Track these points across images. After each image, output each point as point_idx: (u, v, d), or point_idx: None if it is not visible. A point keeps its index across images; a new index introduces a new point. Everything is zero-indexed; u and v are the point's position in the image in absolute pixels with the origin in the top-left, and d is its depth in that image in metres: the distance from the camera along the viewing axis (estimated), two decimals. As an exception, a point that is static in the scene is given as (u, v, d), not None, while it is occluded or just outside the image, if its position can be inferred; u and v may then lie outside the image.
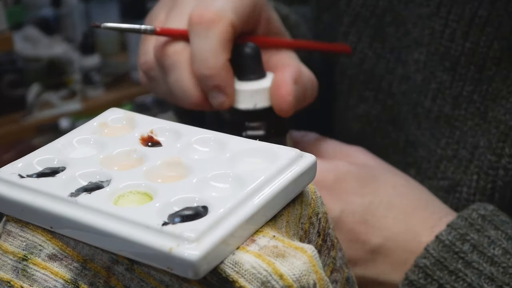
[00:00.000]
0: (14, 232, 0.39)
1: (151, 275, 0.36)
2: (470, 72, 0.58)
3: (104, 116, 0.44)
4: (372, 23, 0.66)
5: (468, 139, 0.58)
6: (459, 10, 0.58)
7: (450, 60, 0.59)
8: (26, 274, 0.38)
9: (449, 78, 0.59)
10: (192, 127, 0.42)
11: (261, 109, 0.53)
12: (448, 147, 0.59)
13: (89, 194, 0.36)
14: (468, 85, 0.58)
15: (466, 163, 0.58)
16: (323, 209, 0.40)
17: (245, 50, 0.54)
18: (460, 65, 0.58)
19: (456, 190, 0.58)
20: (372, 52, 0.66)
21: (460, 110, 0.58)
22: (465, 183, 0.57)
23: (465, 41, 0.58)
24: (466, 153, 0.58)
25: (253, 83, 0.53)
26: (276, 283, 0.32)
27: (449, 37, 0.59)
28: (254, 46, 0.54)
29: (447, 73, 0.59)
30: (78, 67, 2.12)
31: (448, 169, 0.59)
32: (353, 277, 0.43)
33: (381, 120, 0.66)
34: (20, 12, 2.16)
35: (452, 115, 0.59)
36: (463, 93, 0.58)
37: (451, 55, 0.59)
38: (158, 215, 0.34)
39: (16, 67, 1.98)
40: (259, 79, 0.54)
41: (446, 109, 0.59)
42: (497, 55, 0.56)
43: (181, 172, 0.38)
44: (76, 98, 2.09)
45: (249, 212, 0.34)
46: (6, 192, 0.38)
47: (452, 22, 0.59)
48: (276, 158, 0.38)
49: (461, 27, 0.58)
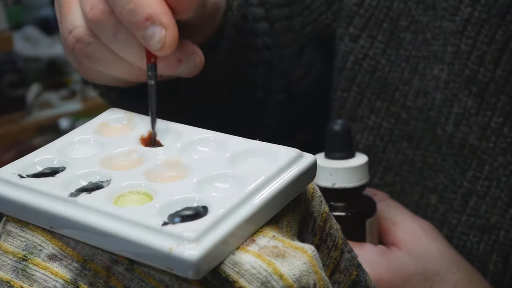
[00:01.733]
0: (14, 232, 0.39)
1: (151, 275, 0.36)
2: (500, 102, 0.55)
3: (104, 116, 0.44)
4: (386, 27, 0.62)
5: (501, 178, 0.56)
6: (490, 32, 0.55)
7: (477, 85, 0.55)
8: (26, 274, 0.38)
9: (476, 105, 0.56)
10: (192, 127, 0.42)
11: (341, 189, 0.52)
12: (477, 182, 0.57)
13: (89, 194, 0.36)
14: (497, 116, 0.55)
15: (503, 205, 0.56)
16: (321, 208, 0.40)
17: (335, 127, 0.52)
18: (489, 92, 0.55)
19: (492, 232, 0.56)
20: (386, 59, 0.62)
21: (488, 143, 0.56)
22: (503, 227, 0.56)
23: (495, 67, 0.54)
24: (502, 193, 0.55)
25: (336, 161, 0.52)
26: (276, 283, 0.32)
27: (477, 60, 0.55)
28: (343, 123, 0.53)
29: (472, 98, 0.56)
30: (78, 67, 2.12)
31: (480, 207, 0.57)
32: (367, 281, 0.42)
33: (393, 134, 0.63)
34: (20, 12, 2.17)
35: (479, 146, 0.56)
36: (492, 124, 0.55)
37: (478, 80, 0.55)
38: (158, 215, 0.34)
39: (16, 67, 1.98)
40: (345, 158, 0.52)
41: (471, 139, 0.56)
42: None
43: (181, 172, 0.38)
44: (76, 98, 2.09)
45: (249, 212, 0.34)
46: (6, 192, 0.38)
47: (482, 44, 0.55)
48: (276, 158, 0.38)
49: (492, 51, 0.54)
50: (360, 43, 0.63)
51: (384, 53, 0.62)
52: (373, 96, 0.63)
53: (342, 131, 0.52)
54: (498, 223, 0.56)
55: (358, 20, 0.63)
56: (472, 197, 0.57)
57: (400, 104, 0.61)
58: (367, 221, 0.53)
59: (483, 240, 0.57)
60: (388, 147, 0.63)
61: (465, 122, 0.57)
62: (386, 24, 0.62)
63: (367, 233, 0.53)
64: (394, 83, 0.62)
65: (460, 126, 0.57)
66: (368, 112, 0.64)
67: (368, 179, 0.53)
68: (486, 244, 0.57)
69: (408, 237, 0.54)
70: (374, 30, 0.62)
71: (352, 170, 0.52)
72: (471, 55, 0.55)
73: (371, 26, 0.63)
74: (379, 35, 0.62)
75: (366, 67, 0.63)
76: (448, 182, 0.58)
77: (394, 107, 0.62)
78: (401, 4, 0.61)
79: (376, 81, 0.63)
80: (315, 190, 0.39)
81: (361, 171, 0.52)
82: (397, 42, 0.61)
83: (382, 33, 0.62)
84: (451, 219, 0.58)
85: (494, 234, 0.56)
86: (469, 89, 0.56)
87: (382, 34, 0.62)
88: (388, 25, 0.62)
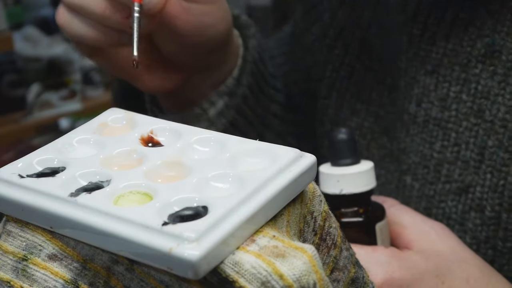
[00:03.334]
0: (14, 232, 0.39)
1: (151, 275, 0.36)
2: (455, 72, 0.58)
3: (104, 116, 0.44)
4: (358, 35, 0.66)
5: (469, 140, 0.58)
6: (439, 14, 0.58)
7: (431, 63, 0.59)
8: (26, 274, 0.38)
9: (433, 81, 0.59)
10: (192, 127, 0.42)
11: (349, 195, 0.52)
12: (445, 150, 0.59)
13: (89, 194, 0.36)
14: (455, 86, 0.58)
15: (475, 164, 0.58)
16: (321, 207, 0.40)
17: (340, 135, 0.53)
18: (443, 66, 0.58)
19: (468, 191, 0.58)
20: (360, 64, 0.66)
21: (450, 112, 0.58)
22: (478, 183, 0.57)
23: (447, 43, 0.58)
24: (472, 154, 0.58)
25: (342, 168, 0.53)
26: (276, 283, 0.32)
27: (429, 41, 0.59)
28: (347, 131, 0.53)
29: (429, 76, 0.59)
30: (78, 67, 2.12)
31: (454, 172, 0.59)
32: (364, 277, 0.43)
33: (374, 131, 0.66)
34: (20, 12, 2.17)
35: (441, 117, 0.59)
36: (450, 94, 0.58)
37: (432, 58, 0.59)
38: (158, 215, 0.34)
39: (16, 67, 1.98)
40: (350, 165, 0.53)
41: (433, 113, 0.59)
42: (481, 53, 0.57)
43: (181, 172, 0.38)
44: (76, 98, 2.09)
45: (249, 212, 0.34)
46: (6, 192, 0.38)
47: (432, 25, 0.59)
48: (276, 158, 0.38)
49: (442, 30, 0.58)
50: (335, 52, 0.68)
51: (358, 59, 0.66)
52: (353, 99, 0.67)
53: (348, 138, 0.53)
54: (472, 182, 0.58)
55: (332, 31, 0.68)
56: (443, 165, 0.59)
57: (377, 103, 0.65)
58: (377, 226, 0.53)
59: (460, 201, 0.58)
60: (371, 144, 0.66)
61: (426, 99, 0.60)
62: (358, 32, 0.66)
63: (378, 237, 0.53)
64: (370, 84, 0.65)
65: (421, 104, 0.60)
66: (350, 115, 0.67)
67: (375, 184, 0.54)
68: (463, 204, 0.58)
69: (419, 237, 0.55)
70: (347, 39, 0.67)
71: (359, 175, 0.52)
72: (423, 37, 0.60)
73: (345, 35, 0.67)
74: (352, 43, 0.67)
75: (343, 73, 0.67)
76: (419, 159, 0.61)
77: (372, 106, 0.66)
78: (370, 12, 0.65)
79: (353, 85, 0.67)
80: (315, 189, 0.39)
81: (368, 176, 0.53)
82: (369, 47, 0.66)
83: (354, 41, 0.67)
84: (428, 191, 0.60)
85: (470, 193, 0.58)
86: (425, 68, 0.59)
87: (355, 41, 0.66)
88: (360, 33, 0.66)
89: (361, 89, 0.66)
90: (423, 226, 0.56)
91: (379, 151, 0.66)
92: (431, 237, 0.55)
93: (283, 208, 0.37)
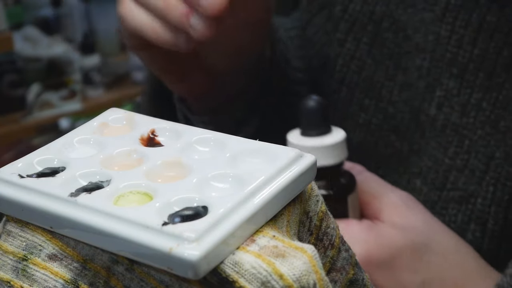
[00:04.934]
0: (14, 232, 0.39)
1: (151, 275, 0.36)
2: (479, 79, 0.57)
3: (104, 116, 0.44)
4: (370, 29, 0.65)
5: (479, 149, 0.57)
6: (466, 16, 0.57)
7: (457, 66, 0.58)
8: (26, 274, 0.38)
9: (457, 86, 0.58)
10: (192, 127, 0.42)
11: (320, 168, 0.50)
12: (457, 157, 0.58)
13: (89, 194, 0.36)
14: (477, 92, 0.57)
15: (480, 174, 0.57)
16: (317, 207, 0.40)
17: (310, 103, 0.51)
18: (469, 72, 0.57)
19: (469, 201, 0.57)
20: (371, 59, 0.65)
21: (468, 118, 0.57)
22: (480, 194, 0.57)
23: (473, 47, 0.57)
24: (479, 163, 0.57)
25: (314, 139, 0.51)
26: (276, 283, 0.32)
27: (456, 43, 0.58)
28: (318, 99, 0.51)
29: (454, 80, 0.58)
30: (78, 67, 2.12)
31: (459, 180, 0.58)
32: (364, 279, 0.42)
33: (382, 129, 0.65)
34: (20, 12, 2.17)
35: (460, 123, 0.58)
36: (471, 100, 0.57)
37: (458, 61, 0.57)
38: (158, 215, 0.34)
39: (16, 67, 1.98)
40: (322, 135, 0.51)
41: (453, 118, 0.58)
42: (506, 62, 0.55)
43: (181, 172, 0.38)
44: (76, 98, 2.09)
45: (249, 212, 0.34)
46: (6, 192, 0.38)
47: (459, 28, 0.58)
48: (276, 158, 0.38)
49: (469, 33, 0.57)
50: (346, 47, 0.67)
51: (369, 54, 0.65)
52: (362, 95, 0.66)
53: (318, 107, 0.51)
54: (475, 192, 0.57)
55: (343, 25, 0.67)
56: (452, 172, 0.58)
57: (386, 99, 0.64)
58: (349, 197, 0.52)
59: (461, 211, 0.58)
60: (378, 142, 0.65)
61: (447, 103, 0.59)
62: (370, 26, 0.65)
63: (350, 208, 0.52)
64: (380, 80, 0.64)
65: (442, 108, 0.59)
66: (358, 110, 0.66)
67: (346, 155, 0.52)
68: (463, 214, 0.57)
69: (389, 209, 0.54)
70: (358, 33, 0.66)
71: (331, 148, 0.50)
72: (451, 39, 0.58)
73: (356, 29, 0.66)
74: (364, 37, 0.66)
75: (353, 68, 0.66)
76: (431, 163, 0.60)
77: (382, 103, 0.65)
78: (383, 7, 0.64)
79: (363, 80, 0.66)
80: (313, 189, 0.39)
81: (339, 148, 0.51)
82: (381, 42, 0.64)
83: (366, 35, 0.65)
84: (433, 197, 0.59)
85: (471, 203, 0.57)
86: (450, 71, 0.58)
87: (366, 36, 0.65)
88: (372, 27, 0.65)
89: (371, 85, 0.65)
90: (392, 197, 0.55)
91: (386, 150, 0.65)
92: (402, 209, 0.55)
93: (283, 208, 0.37)
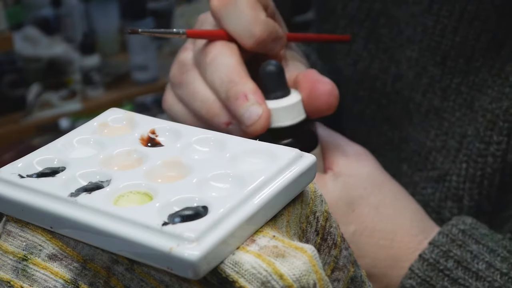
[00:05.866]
0: (14, 232, 0.39)
1: (151, 275, 0.36)
2: (459, 65, 0.59)
3: (104, 116, 0.44)
4: (367, 25, 0.68)
5: (456, 129, 0.59)
6: (450, 6, 0.60)
7: (440, 54, 0.60)
8: (26, 274, 0.38)
9: (439, 72, 0.61)
10: (192, 127, 0.42)
11: (290, 126, 0.53)
12: (437, 139, 0.61)
13: (89, 194, 0.36)
14: (457, 77, 0.60)
15: (455, 153, 0.59)
16: (322, 207, 0.40)
17: (269, 68, 0.53)
18: (450, 58, 0.60)
19: (445, 179, 0.59)
20: (367, 53, 0.68)
21: (448, 102, 0.60)
22: (454, 172, 0.58)
23: (454, 35, 0.60)
24: (455, 142, 0.59)
25: (280, 100, 0.53)
26: (276, 283, 0.32)
27: (440, 33, 0.60)
28: (276, 63, 0.53)
29: (437, 67, 0.61)
30: (78, 67, 2.12)
31: (437, 160, 0.60)
32: (362, 276, 0.43)
33: (376, 119, 0.67)
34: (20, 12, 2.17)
35: (441, 107, 0.60)
36: (452, 85, 0.60)
37: (441, 49, 0.60)
38: (158, 215, 0.34)
39: (16, 67, 1.98)
40: (285, 96, 0.53)
41: (435, 102, 0.61)
42: (484, 47, 0.58)
43: (181, 172, 0.38)
44: (76, 98, 2.09)
45: (249, 212, 0.34)
46: (6, 192, 0.38)
47: (444, 18, 0.60)
48: (276, 158, 0.38)
49: (452, 22, 0.60)
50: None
51: (365, 48, 0.68)
52: (356, 86, 0.68)
53: (279, 70, 0.53)
54: (450, 170, 0.59)
55: (342, 21, 0.70)
56: (432, 153, 0.61)
57: (380, 91, 0.67)
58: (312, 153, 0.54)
59: (438, 189, 0.59)
60: (371, 132, 0.67)
61: (431, 89, 0.61)
62: (367, 23, 0.68)
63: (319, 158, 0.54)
64: (375, 72, 0.67)
65: (427, 94, 0.62)
66: (353, 101, 0.69)
67: (305, 116, 0.54)
68: (440, 192, 0.59)
69: (340, 160, 0.56)
70: (356, 28, 0.69)
71: (288, 108, 0.52)
72: (436, 29, 0.61)
73: (354, 25, 0.69)
74: (361, 32, 0.68)
75: (349, 61, 0.69)
76: (416, 147, 0.62)
77: (375, 94, 0.67)
78: (380, 5, 0.67)
79: (359, 73, 0.68)
80: (316, 189, 0.40)
81: (297, 108, 0.53)
82: (377, 37, 0.67)
83: (363, 30, 0.68)
84: (415, 178, 0.61)
85: (447, 181, 0.59)
86: (434, 59, 0.61)
87: (363, 31, 0.68)
88: (369, 23, 0.68)
89: (365, 76, 0.68)
90: (346, 149, 0.57)
91: (378, 138, 0.67)
92: (351, 161, 0.56)
93: (283, 208, 0.37)
